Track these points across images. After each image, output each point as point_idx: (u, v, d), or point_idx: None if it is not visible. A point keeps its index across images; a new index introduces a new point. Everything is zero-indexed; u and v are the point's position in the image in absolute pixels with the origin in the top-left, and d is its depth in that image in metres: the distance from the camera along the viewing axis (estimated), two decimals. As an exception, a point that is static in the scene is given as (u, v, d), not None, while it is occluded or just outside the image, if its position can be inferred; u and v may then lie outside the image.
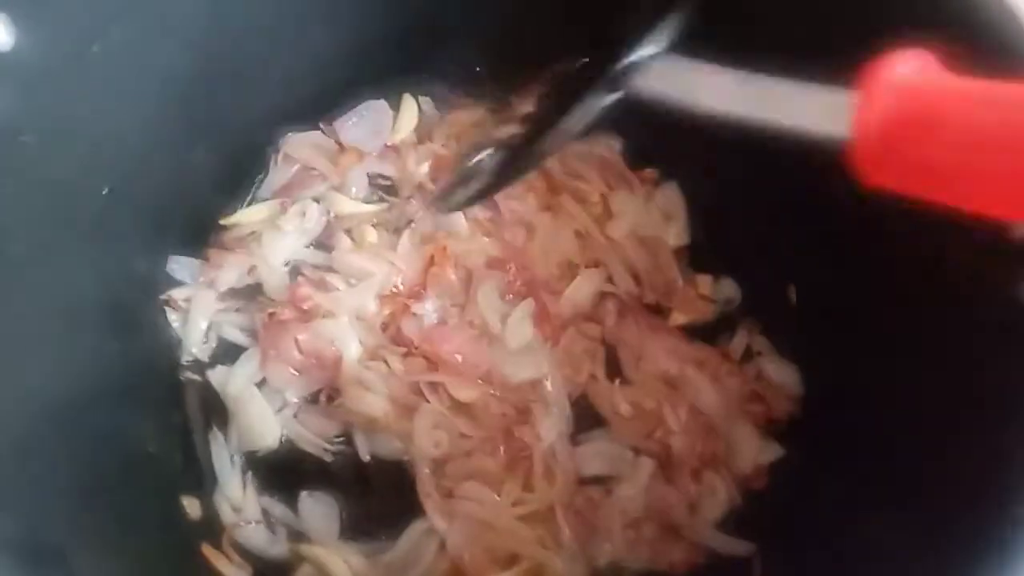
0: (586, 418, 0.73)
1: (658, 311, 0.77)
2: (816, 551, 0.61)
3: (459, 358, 0.72)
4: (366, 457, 0.71)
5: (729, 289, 0.78)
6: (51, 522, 0.46)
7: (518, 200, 0.79)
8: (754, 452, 0.72)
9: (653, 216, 0.80)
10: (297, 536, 0.68)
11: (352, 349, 0.73)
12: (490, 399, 0.72)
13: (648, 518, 0.70)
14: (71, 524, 0.47)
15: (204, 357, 0.74)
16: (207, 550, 0.62)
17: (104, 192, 0.65)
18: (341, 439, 0.72)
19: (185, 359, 0.74)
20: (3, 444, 0.47)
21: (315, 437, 0.72)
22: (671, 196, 0.81)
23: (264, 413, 0.72)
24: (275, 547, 0.67)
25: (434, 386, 0.72)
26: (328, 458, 0.71)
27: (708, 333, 0.77)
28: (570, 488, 0.70)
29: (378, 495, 0.70)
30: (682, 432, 0.72)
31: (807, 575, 0.60)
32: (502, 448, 0.71)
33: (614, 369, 0.75)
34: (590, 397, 0.74)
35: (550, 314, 0.75)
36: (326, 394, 0.73)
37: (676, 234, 0.79)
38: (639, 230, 0.79)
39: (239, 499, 0.68)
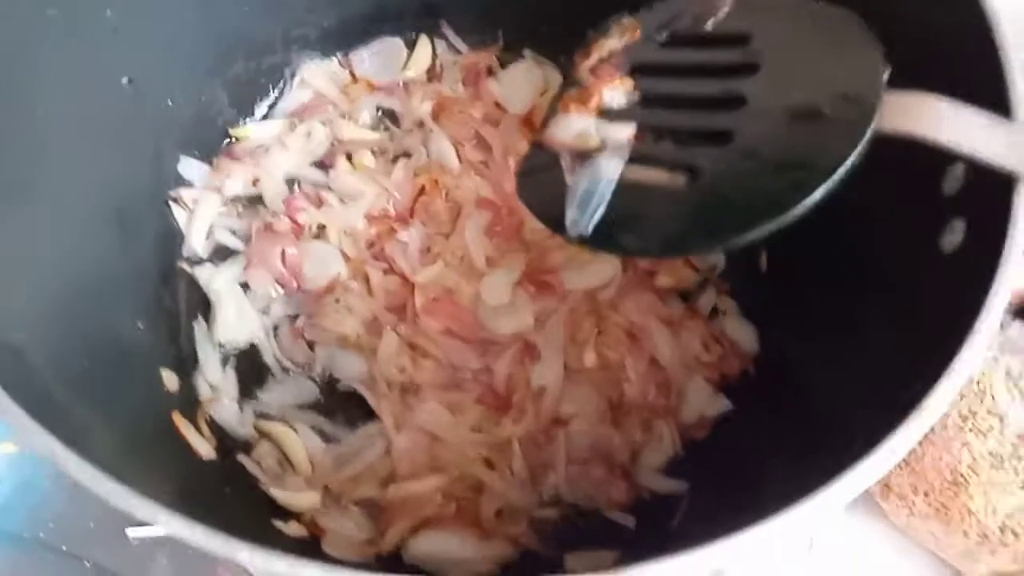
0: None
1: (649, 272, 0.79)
2: (740, 492, 0.64)
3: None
4: (324, 376, 0.75)
5: (714, 256, 0.80)
6: (59, 381, 0.51)
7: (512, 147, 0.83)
8: (702, 404, 0.75)
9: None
10: (262, 415, 0.73)
11: (335, 269, 0.77)
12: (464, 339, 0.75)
13: (593, 457, 0.72)
14: (70, 381, 0.52)
15: (201, 254, 0.79)
16: (177, 418, 0.67)
17: (124, 82, 0.70)
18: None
19: (184, 253, 0.79)
20: (30, 314, 0.54)
21: (284, 357, 0.76)
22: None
23: (241, 313, 0.77)
24: (243, 427, 0.72)
25: (407, 314, 0.75)
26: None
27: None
28: (535, 427, 0.72)
29: (343, 395, 0.75)
30: (637, 382, 0.75)
31: (729, 510, 0.63)
32: (473, 384, 0.74)
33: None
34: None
35: (545, 277, 0.77)
36: (304, 317, 0.76)
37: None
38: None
39: (217, 379, 0.74)
